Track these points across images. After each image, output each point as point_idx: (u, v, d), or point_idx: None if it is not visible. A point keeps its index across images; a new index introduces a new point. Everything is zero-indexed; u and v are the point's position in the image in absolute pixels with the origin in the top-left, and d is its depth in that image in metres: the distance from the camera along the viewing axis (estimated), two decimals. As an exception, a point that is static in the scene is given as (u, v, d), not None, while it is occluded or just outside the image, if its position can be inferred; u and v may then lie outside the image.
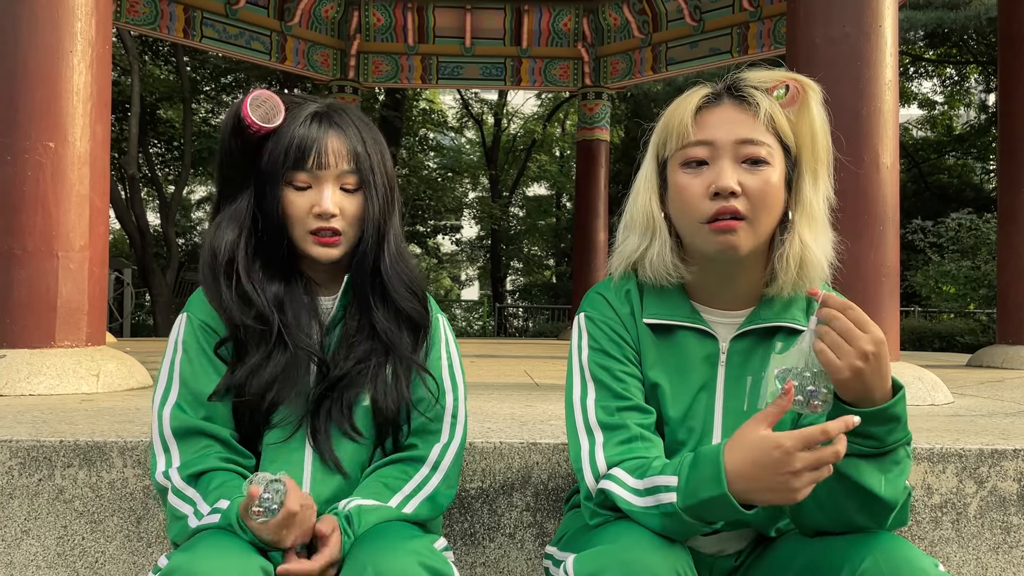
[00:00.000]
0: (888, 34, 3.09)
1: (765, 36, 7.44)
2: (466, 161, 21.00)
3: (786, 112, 1.28)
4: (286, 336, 1.36)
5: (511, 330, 18.97)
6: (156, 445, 1.36)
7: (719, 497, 1.12)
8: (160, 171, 16.09)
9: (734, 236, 1.25)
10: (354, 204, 1.39)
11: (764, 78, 1.30)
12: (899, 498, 1.20)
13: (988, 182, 18.10)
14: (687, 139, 1.28)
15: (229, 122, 1.38)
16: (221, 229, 1.39)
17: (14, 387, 2.70)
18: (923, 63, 17.88)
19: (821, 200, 1.32)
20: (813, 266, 1.30)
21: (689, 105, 1.30)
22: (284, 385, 1.36)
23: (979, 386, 3.73)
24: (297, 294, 1.41)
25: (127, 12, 6.89)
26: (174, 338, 1.41)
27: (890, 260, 3.08)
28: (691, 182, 1.28)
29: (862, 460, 1.17)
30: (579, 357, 1.38)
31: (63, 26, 2.94)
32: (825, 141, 1.31)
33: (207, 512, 1.26)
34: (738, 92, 1.29)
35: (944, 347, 11.17)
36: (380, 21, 8.55)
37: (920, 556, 1.16)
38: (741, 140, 1.26)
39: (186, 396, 1.36)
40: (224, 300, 1.36)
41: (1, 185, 2.87)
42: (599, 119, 8.86)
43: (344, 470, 1.38)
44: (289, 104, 1.39)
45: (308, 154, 1.35)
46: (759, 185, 1.25)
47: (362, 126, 1.41)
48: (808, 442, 1.07)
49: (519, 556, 1.79)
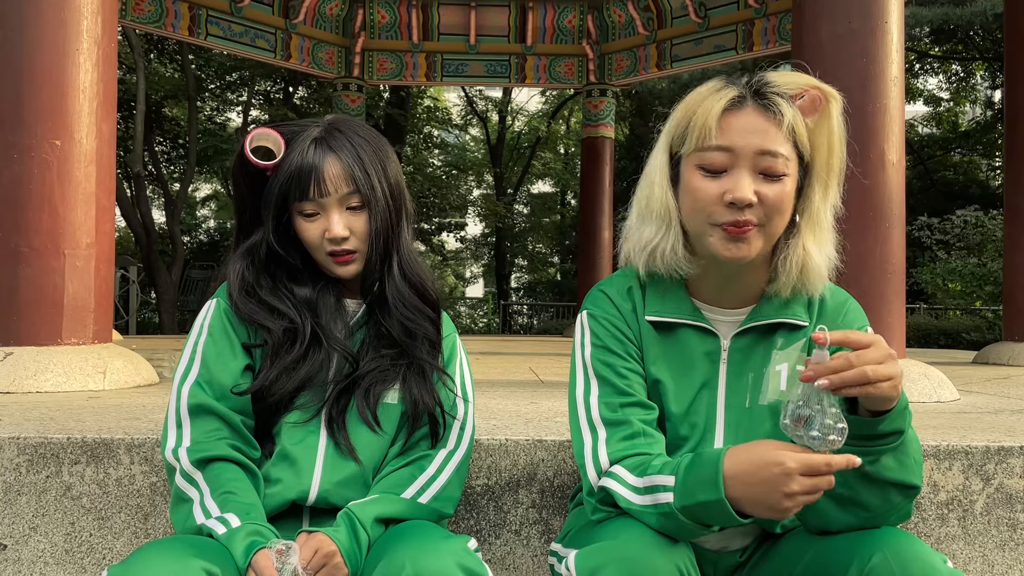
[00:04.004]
0: (894, 30, 3.08)
1: (770, 33, 7.42)
2: (471, 158, 21.00)
3: (805, 120, 1.26)
4: (321, 335, 1.43)
5: (516, 327, 18.99)
6: (170, 419, 1.40)
7: (715, 502, 1.12)
8: (165, 169, 16.11)
9: (745, 243, 1.26)
10: (362, 221, 1.44)
11: (789, 83, 1.27)
12: (920, 475, 1.23)
13: (994, 179, 18.03)
14: (708, 142, 1.25)
15: (235, 164, 1.45)
16: (234, 261, 1.48)
17: (21, 384, 2.71)
18: (929, 59, 17.82)
19: (828, 208, 1.32)
20: (814, 271, 1.32)
21: (714, 107, 1.25)
22: (313, 379, 1.42)
23: (985, 383, 3.72)
24: (326, 297, 1.48)
25: (132, 10, 6.90)
26: (201, 321, 1.46)
27: (896, 257, 3.07)
28: (707, 186, 1.26)
29: (884, 457, 1.18)
30: (582, 354, 1.39)
31: (69, 24, 2.94)
32: (841, 152, 1.30)
33: (215, 515, 1.29)
34: (763, 98, 1.26)
35: (950, 344, 11.14)
36: (385, 18, 8.55)
37: (929, 552, 1.16)
38: (762, 151, 1.24)
39: (206, 376, 1.41)
40: (250, 312, 1.42)
41: (8, 183, 2.88)
42: (604, 116, 8.85)
43: (358, 457, 1.42)
44: (289, 135, 1.44)
45: (308, 184, 1.40)
46: (775, 195, 1.25)
47: (360, 143, 1.44)
48: (810, 469, 1.08)
49: (525, 553, 1.79)
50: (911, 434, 1.22)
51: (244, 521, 1.27)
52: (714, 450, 1.17)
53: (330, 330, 1.44)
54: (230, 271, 1.46)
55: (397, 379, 1.45)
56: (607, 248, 8.79)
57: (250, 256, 1.47)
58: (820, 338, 1.10)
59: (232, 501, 1.30)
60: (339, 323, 1.47)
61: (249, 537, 1.24)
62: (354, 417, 1.43)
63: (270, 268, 1.47)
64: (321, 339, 1.43)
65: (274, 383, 1.39)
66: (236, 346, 1.43)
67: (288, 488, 1.39)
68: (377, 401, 1.44)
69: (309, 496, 1.39)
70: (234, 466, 1.36)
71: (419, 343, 1.48)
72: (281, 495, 1.38)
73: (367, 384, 1.44)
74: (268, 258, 1.46)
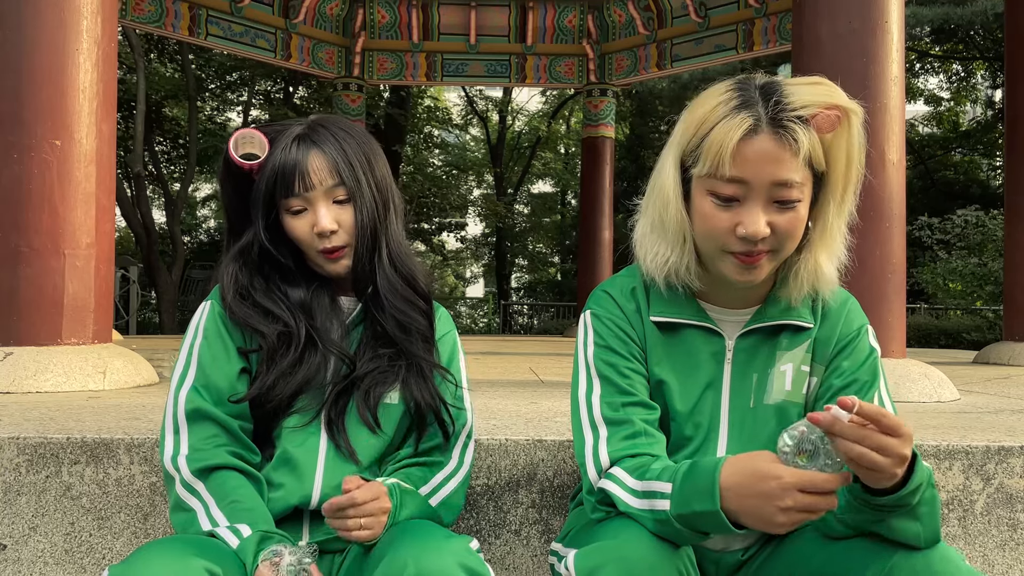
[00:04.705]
0: (894, 30, 3.08)
1: (771, 32, 7.42)
2: (471, 158, 20.99)
3: (822, 137, 1.21)
4: (317, 338, 1.42)
5: (516, 327, 18.99)
6: (167, 425, 1.39)
7: (711, 513, 1.11)
8: (165, 169, 16.12)
9: (757, 270, 1.26)
10: (350, 214, 1.43)
11: (807, 103, 1.19)
12: (938, 529, 1.18)
13: (995, 179, 18.02)
14: (721, 172, 1.20)
15: (221, 166, 1.45)
16: (227, 263, 1.47)
17: (21, 384, 2.71)
18: (929, 59, 17.81)
19: (843, 220, 1.30)
20: (824, 280, 1.31)
21: (729, 137, 1.18)
22: (311, 382, 1.42)
23: (985, 383, 3.72)
24: (321, 297, 1.47)
25: (133, 10, 6.90)
26: (196, 323, 1.45)
27: (896, 257, 3.07)
28: (719, 214, 1.23)
29: (893, 519, 1.16)
30: (585, 353, 1.39)
31: (69, 24, 2.94)
32: (859, 164, 1.26)
33: (224, 525, 1.29)
34: (779, 125, 1.19)
35: (950, 344, 11.14)
36: (385, 18, 8.56)
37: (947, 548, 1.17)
38: (776, 182, 1.20)
39: (202, 380, 1.40)
40: (244, 316, 1.42)
41: (8, 183, 2.88)
42: (604, 116, 8.85)
43: (358, 459, 1.42)
44: (273, 134, 1.44)
45: (293, 178, 1.40)
46: (788, 223, 1.23)
47: (343, 136, 1.44)
48: (806, 485, 1.05)
49: (524, 553, 1.79)
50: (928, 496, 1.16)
51: (255, 529, 1.27)
52: (712, 459, 1.16)
53: (325, 332, 1.44)
54: (223, 274, 1.45)
55: (397, 380, 1.45)
56: (607, 248, 8.80)
57: (242, 258, 1.46)
58: (848, 404, 1.04)
59: (240, 510, 1.30)
60: (335, 323, 1.46)
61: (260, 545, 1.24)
62: (354, 419, 1.43)
63: (263, 269, 1.46)
64: (316, 342, 1.42)
65: (271, 389, 1.38)
66: (231, 349, 1.42)
67: (291, 493, 1.38)
68: (377, 403, 1.43)
69: (312, 500, 1.39)
70: (236, 474, 1.35)
71: (414, 339, 1.47)
72: (284, 500, 1.38)
73: (367, 386, 1.43)
74: (261, 259, 1.45)
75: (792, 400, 1.36)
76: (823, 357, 1.37)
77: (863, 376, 1.35)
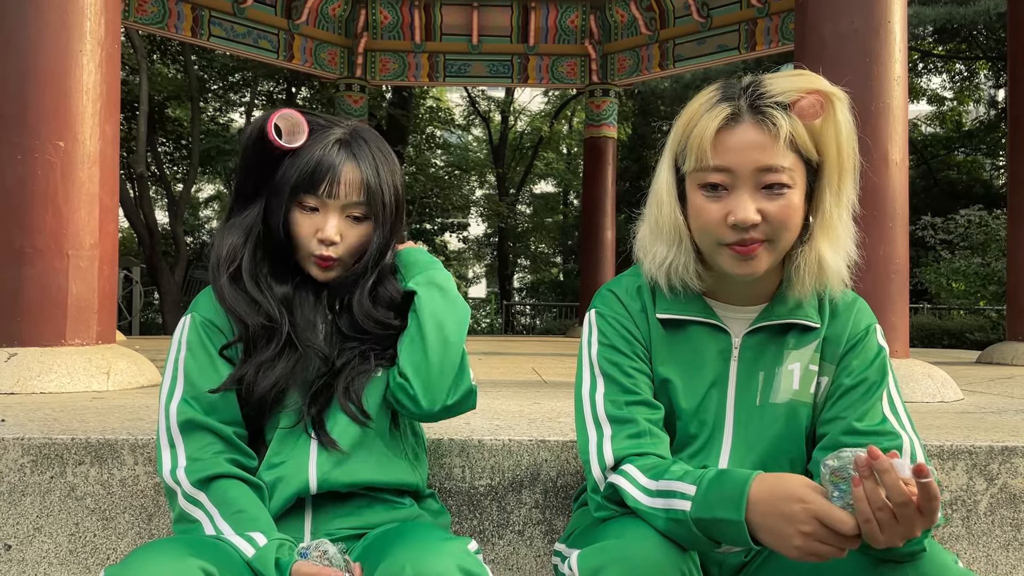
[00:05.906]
0: (897, 29, 3.07)
1: (773, 32, 7.41)
2: (473, 159, 20.98)
3: (808, 124, 1.22)
4: (295, 337, 1.41)
5: (518, 328, 18.99)
6: (162, 440, 1.39)
7: (733, 522, 1.11)
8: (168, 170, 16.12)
9: (754, 260, 1.26)
10: (356, 233, 1.43)
11: (786, 89, 1.22)
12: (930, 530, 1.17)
13: (998, 178, 18.00)
14: (705, 162, 1.23)
15: (253, 134, 1.42)
16: (229, 234, 1.44)
17: (25, 385, 2.71)
18: (932, 59, 17.78)
19: (844, 209, 1.29)
20: (830, 274, 1.31)
21: (708, 127, 1.22)
22: (292, 380, 1.41)
23: (989, 383, 3.72)
24: (305, 294, 1.46)
25: (136, 11, 6.91)
26: (178, 337, 1.45)
27: (899, 257, 3.06)
28: (710, 207, 1.25)
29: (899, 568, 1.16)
30: (589, 352, 1.39)
31: (72, 25, 2.95)
32: (851, 149, 1.26)
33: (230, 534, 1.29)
34: (758, 112, 1.22)
35: (954, 344, 11.12)
36: (387, 19, 8.56)
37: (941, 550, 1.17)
38: (761, 168, 1.21)
39: (191, 392, 1.39)
40: (232, 301, 1.41)
41: (11, 184, 2.89)
42: (606, 116, 8.85)
43: (341, 449, 1.40)
44: (314, 126, 1.43)
45: (322, 180, 1.39)
46: (779, 210, 1.23)
47: (379, 156, 1.44)
48: (827, 519, 1.04)
49: (528, 553, 1.79)
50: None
51: (270, 538, 1.27)
52: (744, 471, 1.15)
53: (304, 330, 1.43)
54: (223, 244, 1.43)
55: (373, 370, 1.45)
56: (610, 248, 8.80)
57: (246, 235, 1.44)
58: (923, 471, 0.99)
59: (245, 519, 1.30)
60: (317, 319, 1.46)
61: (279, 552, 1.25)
62: (339, 414, 1.42)
63: (257, 254, 1.44)
64: (295, 341, 1.41)
65: (252, 380, 1.38)
66: (216, 358, 1.41)
67: (288, 485, 1.39)
68: (360, 397, 1.42)
69: (310, 487, 1.39)
70: (237, 482, 1.35)
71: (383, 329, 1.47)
72: (283, 493, 1.38)
73: (344, 383, 1.43)
74: (259, 243, 1.44)
75: (800, 399, 1.36)
76: (833, 356, 1.37)
77: (872, 375, 1.34)
